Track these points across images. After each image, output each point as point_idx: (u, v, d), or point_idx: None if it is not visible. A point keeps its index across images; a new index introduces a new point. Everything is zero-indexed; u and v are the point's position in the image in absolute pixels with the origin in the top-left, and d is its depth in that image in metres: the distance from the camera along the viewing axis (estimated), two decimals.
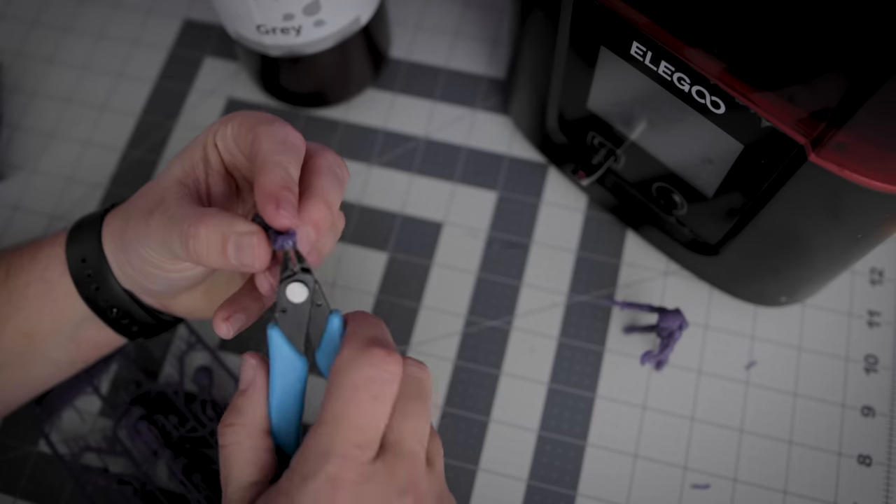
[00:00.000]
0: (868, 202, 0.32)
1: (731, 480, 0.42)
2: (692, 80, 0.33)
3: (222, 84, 0.54)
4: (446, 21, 0.55)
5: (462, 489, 0.42)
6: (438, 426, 0.44)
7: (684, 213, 0.43)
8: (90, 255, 0.36)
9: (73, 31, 0.56)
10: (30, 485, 0.43)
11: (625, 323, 0.46)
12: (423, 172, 0.50)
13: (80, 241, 0.36)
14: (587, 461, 0.43)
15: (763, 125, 0.32)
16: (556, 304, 0.46)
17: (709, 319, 0.45)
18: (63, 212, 0.50)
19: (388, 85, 0.53)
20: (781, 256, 0.39)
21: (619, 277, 0.47)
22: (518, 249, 0.48)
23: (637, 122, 0.40)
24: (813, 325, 0.45)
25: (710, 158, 0.37)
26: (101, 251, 0.35)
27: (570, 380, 0.44)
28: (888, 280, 0.46)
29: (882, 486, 0.41)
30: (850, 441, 0.42)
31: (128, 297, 0.36)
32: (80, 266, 0.36)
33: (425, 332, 0.46)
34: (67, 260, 0.36)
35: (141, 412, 0.43)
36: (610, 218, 0.48)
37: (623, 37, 0.35)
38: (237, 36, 0.46)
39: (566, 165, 0.48)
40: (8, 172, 0.51)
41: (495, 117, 0.52)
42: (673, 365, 0.44)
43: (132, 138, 0.52)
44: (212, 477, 0.42)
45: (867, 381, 0.44)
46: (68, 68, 0.55)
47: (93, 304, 0.36)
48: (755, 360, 0.44)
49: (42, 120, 0.53)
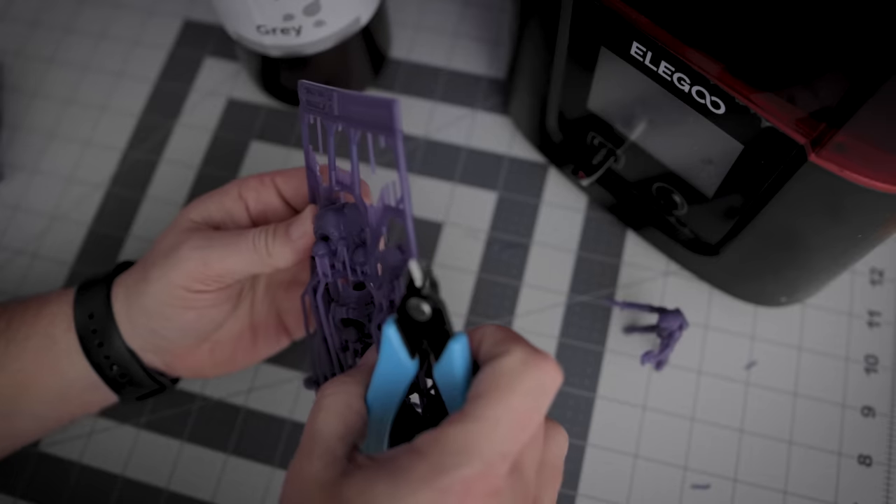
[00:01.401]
0: (868, 202, 0.32)
1: (732, 480, 0.42)
2: (692, 80, 0.33)
3: (222, 84, 0.54)
4: (446, 21, 0.55)
5: None
6: None
7: (684, 213, 0.43)
8: (98, 311, 0.36)
9: (74, 31, 0.56)
10: (29, 485, 0.43)
11: (625, 323, 0.46)
12: (423, 172, 0.50)
13: (89, 297, 0.37)
14: (587, 461, 0.43)
15: (763, 125, 0.32)
16: (556, 305, 0.46)
17: (709, 319, 0.45)
18: (63, 212, 0.50)
19: (388, 85, 0.53)
20: (781, 256, 0.39)
21: (619, 277, 0.47)
22: (518, 249, 0.48)
23: (637, 122, 0.40)
24: (813, 326, 0.45)
25: (710, 159, 0.37)
26: (110, 308, 0.36)
27: (570, 380, 0.44)
28: (888, 280, 0.46)
29: (882, 486, 0.41)
30: (850, 441, 0.42)
31: (129, 355, 0.37)
32: (87, 322, 0.37)
33: None
34: (74, 315, 0.37)
35: None
36: (610, 218, 0.48)
37: (623, 37, 0.35)
38: (237, 36, 0.46)
39: (566, 166, 0.48)
40: (8, 172, 0.52)
41: (495, 117, 0.52)
42: (673, 365, 0.44)
43: (132, 138, 0.52)
44: None
45: (867, 381, 0.44)
46: (69, 68, 0.55)
47: (94, 360, 0.37)
48: (755, 360, 0.44)
49: (42, 120, 0.53)
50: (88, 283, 0.38)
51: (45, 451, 0.44)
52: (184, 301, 0.34)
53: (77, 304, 0.37)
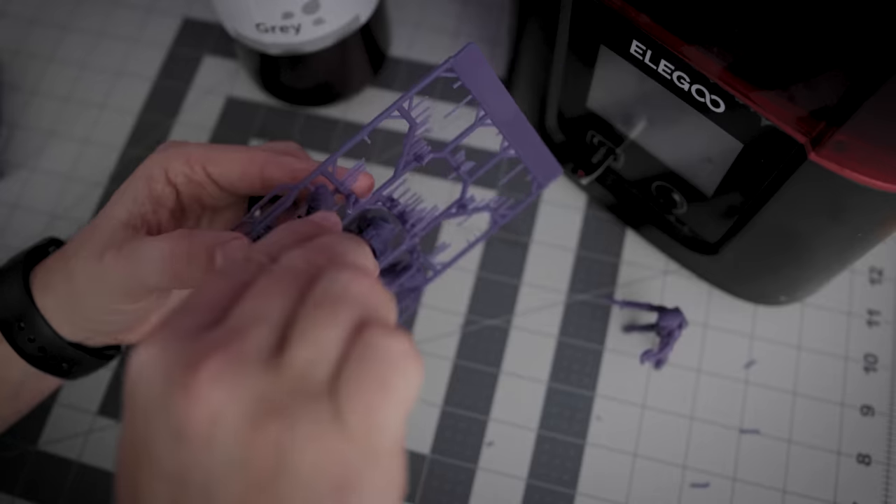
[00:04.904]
0: (868, 201, 0.32)
1: (731, 479, 0.42)
2: (692, 78, 0.33)
3: (222, 83, 0.54)
4: (446, 20, 0.55)
5: (461, 488, 0.42)
6: (438, 425, 0.44)
7: (684, 211, 0.43)
8: (18, 305, 0.34)
9: (73, 29, 0.56)
10: (28, 483, 0.43)
11: (624, 322, 0.46)
12: (422, 172, 0.50)
13: (3, 299, 0.34)
14: (587, 460, 0.43)
15: (763, 124, 0.32)
16: (555, 303, 0.46)
17: (708, 318, 0.45)
18: (63, 210, 0.50)
19: (387, 83, 0.53)
20: (781, 255, 0.39)
21: (618, 276, 0.47)
22: (517, 248, 0.48)
23: (636, 120, 0.40)
24: (812, 324, 0.45)
25: (710, 157, 0.37)
26: (30, 298, 0.34)
27: (569, 379, 0.44)
28: (888, 279, 0.46)
29: (881, 485, 0.41)
30: (849, 440, 0.42)
31: (64, 342, 0.35)
32: (10, 319, 0.34)
33: (425, 331, 0.46)
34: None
35: None
36: (609, 217, 0.48)
37: (622, 35, 0.35)
38: (236, 34, 0.46)
39: (566, 164, 0.48)
40: (7, 171, 0.51)
41: None
42: (672, 364, 0.44)
43: (131, 137, 0.52)
44: None
45: (866, 380, 0.44)
46: (68, 66, 0.55)
47: (28, 356, 0.35)
48: (754, 359, 0.44)
49: (41, 118, 0.53)
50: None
51: (44, 450, 0.44)
52: (120, 309, 0.33)
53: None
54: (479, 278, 0.47)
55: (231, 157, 0.33)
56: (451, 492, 0.42)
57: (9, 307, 0.34)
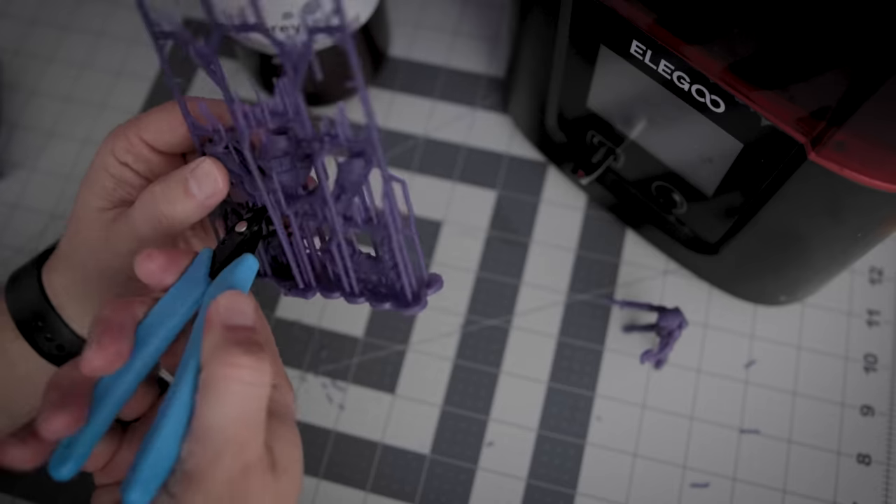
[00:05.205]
0: (868, 201, 0.32)
1: (731, 479, 0.42)
2: (692, 78, 0.33)
3: None
4: (446, 20, 0.55)
5: (461, 488, 0.42)
6: (438, 425, 0.44)
7: (684, 212, 0.43)
8: (34, 305, 0.35)
9: (73, 29, 0.56)
10: (28, 484, 0.43)
11: (624, 322, 0.46)
12: (422, 171, 0.50)
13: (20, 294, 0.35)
14: (586, 460, 0.43)
15: (763, 124, 0.32)
16: (555, 303, 0.46)
17: (708, 318, 0.45)
18: (62, 210, 0.50)
19: (387, 84, 0.53)
20: (781, 255, 0.39)
21: (618, 276, 0.47)
22: (517, 248, 0.48)
23: (637, 120, 0.40)
24: (812, 324, 0.45)
25: (710, 157, 0.37)
26: (45, 298, 0.35)
27: (569, 379, 0.44)
28: (887, 279, 0.46)
29: (881, 485, 0.41)
30: (849, 440, 0.42)
31: (78, 338, 0.35)
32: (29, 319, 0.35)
33: (425, 331, 0.46)
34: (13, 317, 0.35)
35: None
36: (609, 217, 0.48)
37: (623, 35, 0.35)
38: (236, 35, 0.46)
39: (566, 164, 0.48)
40: (7, 171, 0.51)
41: (495, 116, 0.51)
42: (672, 364, 0.44)
43: None
44: None
45: (866, 380, 0.44)
46: (68, 66, 0.55)
47: (47, 354, 0.35)
48: (754, 359, 0.44)
49: (41, 118, 0.53)
50: (13, 282, 0.36)
51: None
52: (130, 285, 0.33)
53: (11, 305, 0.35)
54: (479, 278, 0.47)
55: (156, 117, 0.33)
56: (451, 492, 0.42)
57: (26, 308, 0.35)
